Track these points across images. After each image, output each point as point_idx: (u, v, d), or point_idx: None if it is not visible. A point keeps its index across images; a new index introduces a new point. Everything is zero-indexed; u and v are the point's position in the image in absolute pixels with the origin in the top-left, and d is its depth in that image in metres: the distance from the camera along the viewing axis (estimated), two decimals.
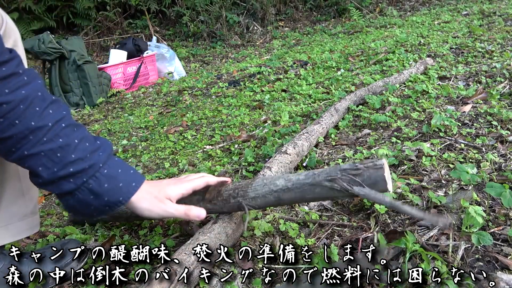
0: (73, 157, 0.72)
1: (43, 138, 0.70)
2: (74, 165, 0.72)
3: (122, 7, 5.60)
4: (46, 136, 0.70)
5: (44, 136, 0.70)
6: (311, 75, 2.62)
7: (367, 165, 0.75)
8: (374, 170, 0.73)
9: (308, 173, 0.81)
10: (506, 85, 1.79)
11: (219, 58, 4.84)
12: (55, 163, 0.71)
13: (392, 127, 1.53)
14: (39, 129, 0.70)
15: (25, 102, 0.69)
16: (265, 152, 1.44)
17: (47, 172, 0.71)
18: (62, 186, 0.73)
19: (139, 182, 0.79)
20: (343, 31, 4.83)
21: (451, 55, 2.46)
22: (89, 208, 0.76)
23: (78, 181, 0.73)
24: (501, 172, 1.09)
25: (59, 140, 0.72)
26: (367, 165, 0.74)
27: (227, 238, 0.88)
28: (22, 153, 0.70)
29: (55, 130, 0.72)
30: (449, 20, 3.88)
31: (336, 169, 0.78)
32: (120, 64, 3.68)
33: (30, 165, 0.71)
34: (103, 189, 0.75)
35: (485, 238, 0.80)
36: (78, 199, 0.74)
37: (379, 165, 0.74)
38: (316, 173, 0.80)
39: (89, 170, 0.73)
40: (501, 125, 1.38)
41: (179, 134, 1.98)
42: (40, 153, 0.70)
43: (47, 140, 0.70)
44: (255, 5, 5.66)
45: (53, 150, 0.71)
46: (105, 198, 0.75)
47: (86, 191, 0.74)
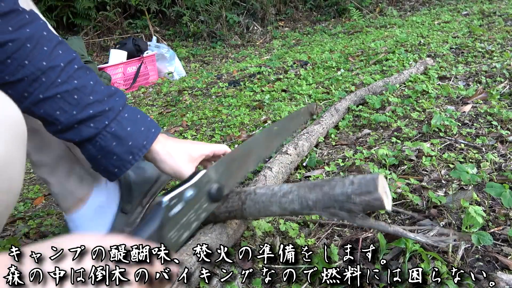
0: (91, 98, 0.68)
1: (57, 79, 0.65)
2: (93, 106, 0.68)
3: (122, 7, 5.60)
4: (59, 77, 0.66)
5: (58, 77, 0.65)
6: (311, 75, 2.62)
7: (360, 191, 0.69)
8: (368, 194, 0.68)
9: (302, 202, 0.76)
10: (506, 85, 1.79)
11: (219, 58, 4.84)
12: (73, 106, 0.66)
13: (392, 127, 1.53)
14: (51, 70, 0.65)
15: (32, 41, 0.64)
16: None
17: (66, 116, 0.66)
18: (82, 132, 0.68)
19: (158, 129, 0.76)
20: (343, 31, 4.83)
21: (451, 55, 2.46)
22: (111, 158, 0.71)
23: (99, 125, 0.69)
24: (501, 172, 1.09)
25: (74, 81, 0.67)
26: (361, 191, 0.69)
27: (228, 238, 0.88)
28: (37, 97, 0.65)
29: (68, 71, 0.67)
30: (449, 20, 3.88)
31: (331, 199, 0.72)
32: (120, 64, 3.68)
33: (45, 110, 0.66)
34: (126, 132, 0.71)
35: (485, 238, 0.80)
36: (100, 146, 0.70)
37: (373, 190, 0.68)
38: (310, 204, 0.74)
39: (109, 112, 0.69)
40: (501, 125, 1.38)
41: (179, 134, 1.98)
42: (56, 96, 0.65)
43: (61, 82, 0.66)
44: (255, 5, 5.66)
45: (69, 92, 0.66)
46: (129, 142, 0.71)
47: (108, 136, 0.70)
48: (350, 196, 0.70)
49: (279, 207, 0.80)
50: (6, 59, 0.62)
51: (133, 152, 0.72)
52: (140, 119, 0.74)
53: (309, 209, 0.76)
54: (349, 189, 0.71)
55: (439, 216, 0.94)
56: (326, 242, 0.92)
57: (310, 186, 0.77)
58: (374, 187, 0.68)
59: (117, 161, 0.72)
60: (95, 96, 0.69)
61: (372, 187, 0.68)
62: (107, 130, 0.70)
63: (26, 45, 0.63)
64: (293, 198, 0.78)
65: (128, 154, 0.72)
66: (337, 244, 0.90)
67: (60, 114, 0.66)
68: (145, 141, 0.73)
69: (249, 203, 0.84)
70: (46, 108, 0.66)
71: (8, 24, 0.61)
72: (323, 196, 0.74)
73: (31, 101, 0.65)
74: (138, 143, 0.72)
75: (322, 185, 0.75)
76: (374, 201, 0.68)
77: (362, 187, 0.69)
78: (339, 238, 0.93)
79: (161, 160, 0.77)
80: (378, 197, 0.68)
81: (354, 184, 0.71)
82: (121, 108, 0.71)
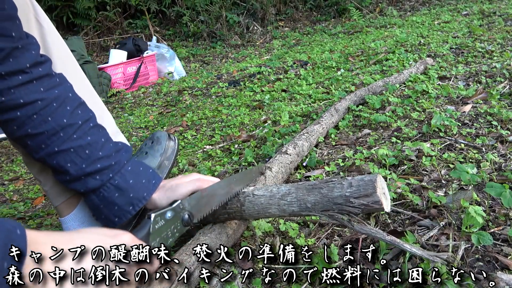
0: (100, 154, 0.76)
1: (73, 135, 0.74)
2: (101, 161, 0.76)
3: (122, 7, 5.60)
4: (76, 133, 0.74)
5: (74, 133, 0.74)
6: (311, 75, 2.62)
7: (359, 193, 0.70)
8: (367, 197, 0.69)
9: (301, 205, 0.77)
10: (506, 85, 1.79)
11: (219, 58, 4.84)
12: (83, 159, 0.75)
13: (392, 127, 1.53)
14: (70, 126, 0.74)
15: (58, 101, 0.73)
16: (265, 152, 1.44)
17: (75, 168, 0.74)
18: (88, 183, 0.75)
19: (158, 180, 0.83)
20: (343, 31, 4.83)
21: (451, 55, 2.46)
22: (113, 208, 0.77)
23: (104, 178, 0.76)
24: (501, 172, 1.09)
25: (88, 138, 0.75)
26: (360, 194, 0.70)
27: (228, 238, 0.88)
28: (52, 149, 0.73)
29: (84, 129, 0.76)
30: (449, 20, 3.88)
31: (330, 201, 0.73)
32: (120, 64, 3.68)
33: (58, 161, 0.74)
34: (128, 185, 0.77)
35: (485, 238, 0.80)
36: (103, 197, 0.76)
37: (371, 192, 0.69)
38: (309, 206, 0.76)
39: (114, 166, 0.77)
40: (501, 125, 1.38)
41: (179, 134, 1.98)
42: (69, 149, 0.74)
43: (76, 137, 0.74)
44: (255, 5, 5.66)
45: (82, 147, 0.75)
46: (130, 194, 0.78)
47: (111, 188, 0.76)
48: (348, 199, 0.71)
49: (278, 209, 0.80)
50: (32, 115, 0.71)
51: (133, 203, 0.79)
52: (142, 172, 0.81)
53: (308, 211, 0.76)
54: (347, 192, 0.71)
55: (439, 216, 0.94)
56: (326, 242, 0.92)
57: (308, 188, 0.77)
58: (372, 190, 0.68)
59: (118, 211, 0.78)
60: (104, 151, 0.77)
61: (371, 189, 0.68)
62: (111, 182, 0.77)
63: (52, 104, 0.73)
64: (292, 200, 0.78)
65: (129, 205, 0.78)
66: (337, 244, 0.90)
67: (71, 166, 0.74)
68: (146, 192, 0.80)
69: (248, 205, 0.84)
70: (59, 160, 0.74)
71: (41, 86, 0.72)
72: (322, 199, 0.74)
73: (46, 152, 0.73)
74: (139, 195, 0.79)
75: (321, 187, 0.76)
76: (373, 204, 0.68)
77: (360, 190, 0.69)
78: (339, 238, 0.93)
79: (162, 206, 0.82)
80: (376, 200, 0.68)
81: (353, 186, 0.71)
82: (125, 162, 0.79)
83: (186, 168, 1.53)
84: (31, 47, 0.72)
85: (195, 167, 1.53)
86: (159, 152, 0.97)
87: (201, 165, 1.51)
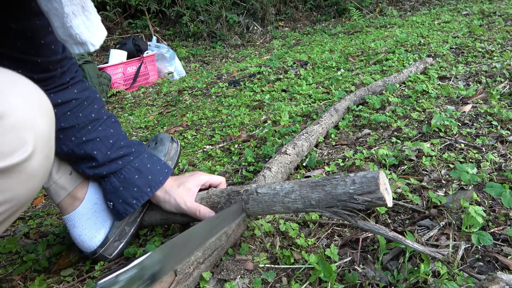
0: (122, 143, 0.88)
1: (99, 127, 0.86)
2: (123, 149, 0.87)
3: (122, 7, 5.60)
4: (101, 126, 0.87)
5: (100, 126, 0.86)
6: (311, 75, 2.62)
7: (362, 190, 0.70)
8: (370, 194, 0.70)
9: (305, 202, 0.77)
10: (506, 85, 1.79)
11: (219, 58, 4.84)
12: (108, 148, 0.86)
13: (392, 127, 1.53)
14: (97, 120, 0.86)
15: (88, 101, 0.87)
16: (265, 152, 1.44)
17: (101, 155, 0.85)
18: (111, 167, 0.86)
19: (170, 169, 0.93)
20: (343, 31, 4.83)
21: (451, 55, 2.46)
22: (132, 189, 0.86)
23: (125, 161, 0.87)
24: (501, 172, 1.09)
25: (111, 130, 0.88)
26: (363, 191, 0.70)
27: (227, 238, 0.88)
28: (81, 139, 0.84)
29: (108, 123, 0.88)
30: (449, 20, 3.88)
31: (334, 198, 0.74)
32: (120, 64, 3.67)
33: (85, 150, 0.84)
34: (147, 168, 0.88)
35: (485, 238, 0.80)
36: (124, 178, 0.86)
37: (375, 189, 0.69)
38: (313, 203, 0.76)
39: (134, 153, 0.89)
40: (501, 125, 1.38)
41: (179, 134, 1.98)
42: (96, 139, 0.85)
43: (102, 129, 0.86)
44: (255, 5, 5.66)
45: (107, 137, 0.86)
46: (149, 176, 0.87)
47: (132, 169, 0.87)
48: (352, 196, 0.72)
49: (282, 207, 0.80)
50: (67, 112, 0.83)
51: (151, 185, 0.88)
52: (156, 161, 0.91)
53: (313, 207, 0.77)
54: (351, 189, 0.72)
55: (439, 216, 0.94)
56: (326, 242, 0.92)
57: (312, 186, 0.77)
58: (375, 187, 0.69)
59: (137, 192, 0.87)
60: (124, 141, 0.89)
61: (374, 186, 0.70)
62: (131, 165, 0.87)
63: (84, 103, 0.86)
64: (296, 198, 0.78)
65: (147, 186, 0.87)
66: (337, 244, 0.90)
67: (98, 153, 0.85)
68: (161, 177, 0.89)
69: (252, 203, 0.84)
70: (86, 148, 0.84)
71: (75, 89, 0.87)
72: (326, 196, 0.75)
73: (76, 143, 0.84)
74: (156, 178, 0.88)
75: (324, 185, 0.76)
76: (376, 200, 0.69)
77: (364, 187, 0.71)
78: (339, 238, 0.93)
79: (164, 201, 0.91)
80: (380, 196, 0.69)
81: (356, 183, 0.72)
82: (143, 150, 0.91)
83: (186, 168, 1.53)
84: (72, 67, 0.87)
85: (195, 167, 1.53)
86: (163, 152, 1.02)
87: (201, 165, 1.51)
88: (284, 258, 0.85)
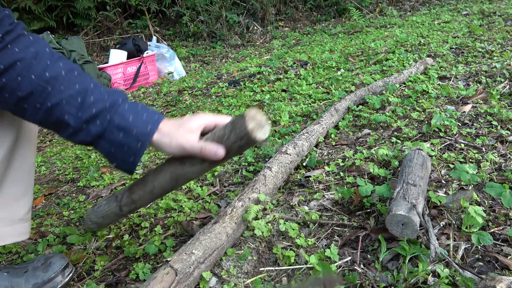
0: (92, 99, 0.75)
1: (60, 86, 0.74)
2: (95, 105, 0.75)
3: (122, 7, 5.60)
4: (62, 84, 0.74)
5: (61, 85, 0.74)
6: (311, 75, 2.62)
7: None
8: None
9: None
10: (506, 85, 1.79)
11: (219, 58, 4.84)
12: (77, 108, 0.74)
13: (392, 127, 1.53)
14: (55, 79, 0.73)
15: (36, 58, 0.73)
16: (265, 152, 1.44)
17: (73, 118, 0.74)
18: (91, 130, 0.75)
19: (161, 116, 0.81)
20: (343, 31, 4.83)
21: (451, 55, 2.46)
22: (123, 148, 0.77)
23: (104, 121, 0.75)
24: (501, 172, 1.09)
25: (75, 86, 0.75)
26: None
27: (227, 238, 0.88)
28: (46, 105, 0.73)
29: (70, 78, 0.75)
30: (449, 20, 3.88)
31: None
32: (120, 64, 3.67)
33: (57, 116, 0.74)
34: (128, 123, 0.76)
35: (485, 238, 0.80)
36: (110, 140, 0.76)
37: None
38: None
39: (110, 108, 0.76)
40: (501, 125, 1.38)
41: None
42: (61, 102, 0.73)
43: (64, 88, 0.74)
44: (255, 5, 5.66)
45: (72, 96, 0.74)
46: (133, 131, 0.76)
47: (114, 129, 0.76)
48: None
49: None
50: (17, 77, 0.71)
51: (140, 139, 0.77)
52: (141, 110, 0.79)
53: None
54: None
55: (439, 216, 0.94)
56: (326, 242, 0.92)
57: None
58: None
59: (129, 150, 0.77)
60: (95, 96, 0.75)
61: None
62: (111, 124, 0.76)
63: (31, 62, 0.73)
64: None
65: (136, 142, 0.77)
66: (337, 244, 0.90)
67: (69, 117, 0.74)
68: (150, 125, 0.78)
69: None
70: (57, 114, 0.74)
71: (15, 47, 0.72)
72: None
73: (44, 111, 0.74)
74: (143, 130, 0.77)
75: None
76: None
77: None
78: (339, 238, 0.93)
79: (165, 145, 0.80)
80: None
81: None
82: (120, 102, 0.77)
83: None
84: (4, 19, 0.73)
85: None
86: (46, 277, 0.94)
87: None
88: (284, 259, 0.85)
